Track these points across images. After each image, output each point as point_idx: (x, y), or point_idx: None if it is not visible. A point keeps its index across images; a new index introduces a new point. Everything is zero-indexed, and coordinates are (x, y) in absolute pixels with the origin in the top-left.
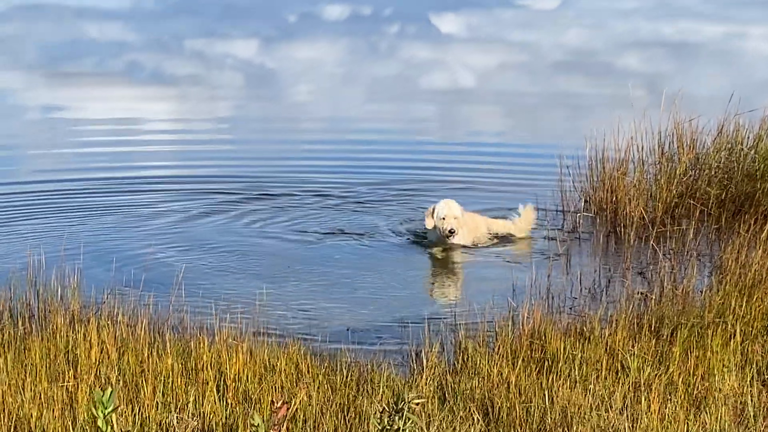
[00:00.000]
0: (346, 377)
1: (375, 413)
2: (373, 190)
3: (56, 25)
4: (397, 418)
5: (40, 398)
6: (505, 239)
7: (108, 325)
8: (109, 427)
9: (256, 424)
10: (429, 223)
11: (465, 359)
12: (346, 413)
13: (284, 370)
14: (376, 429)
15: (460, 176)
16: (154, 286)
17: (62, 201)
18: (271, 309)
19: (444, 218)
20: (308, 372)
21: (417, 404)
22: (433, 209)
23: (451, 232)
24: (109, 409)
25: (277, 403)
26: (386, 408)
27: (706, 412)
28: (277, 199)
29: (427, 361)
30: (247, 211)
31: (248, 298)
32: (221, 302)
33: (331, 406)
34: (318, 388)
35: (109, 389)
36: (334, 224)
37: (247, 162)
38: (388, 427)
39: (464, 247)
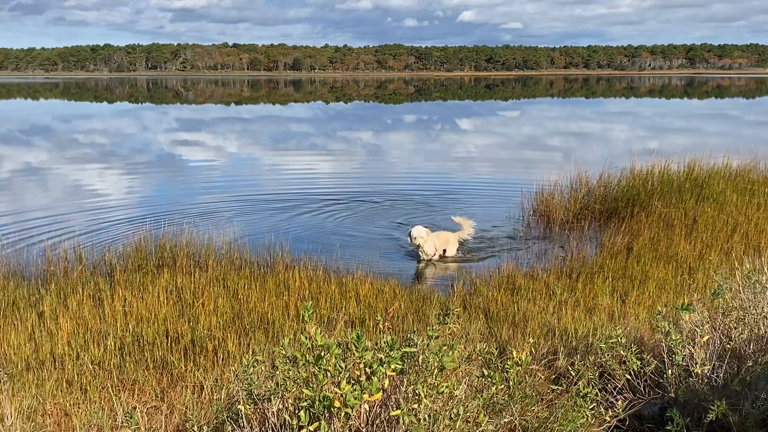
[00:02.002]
0: (417, 296)
1: (433, 314)
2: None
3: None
4: (446, 317)
5: (273, 305)
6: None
7: (304, 269)
8: (309, 319)
9: (378, 319)
10: (412, 244)
11: (475, 288)
12: (418, 314)
13: (387, 292)
14: (436, 321)
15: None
16: (326, 251)
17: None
18: (382, 262)
19: (415, 238)
20: (399, 293)
21: (455, 310)
22: (410, 234)
23: (418, 247)
24: (310, 311)
25: (388, 308)
26: (440, 311)
27: (595, 316)
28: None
29: (456, 290)
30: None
31: (370, 256)
32: (358, 259)
33: (410, 310)
34: (403, 301)
35: (309, 302)
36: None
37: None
38: (441, 321)
39: (434, 257)
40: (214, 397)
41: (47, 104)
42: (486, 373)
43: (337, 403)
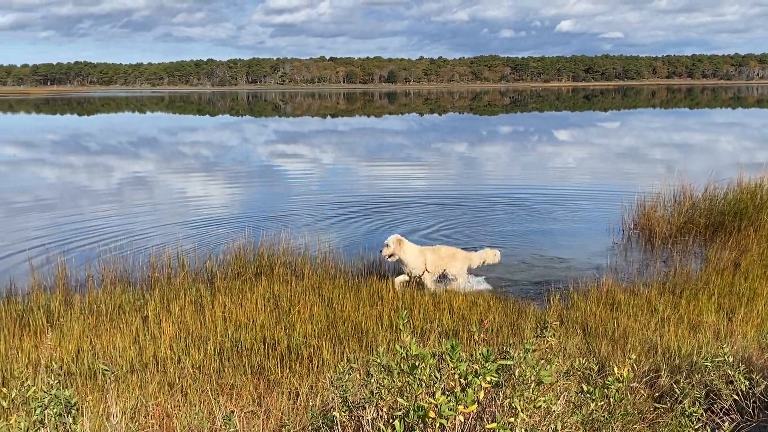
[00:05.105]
0: (512, 309)
1: (529, 327)
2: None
3: None
4: (543, 330)
5: (366, 315)
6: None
7: (387, 279)
8: (404, 329)
9: (473, 330)
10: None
11: (572, 302)
12: (512, 327)
13: (481, 304)
14: (532, 334)
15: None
16: None
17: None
18: (475, 273)
19: (385, 246)
20: (493, 306)
21: (553, 323)
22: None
23: (390, 257)
24: (405, 321)
25: (482, 320)
26: (537, 324)
27: (700, 333)
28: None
29: (552, 302)
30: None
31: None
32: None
33: (505, 323)
34: (498, 314)
35: (405, 311)
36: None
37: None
38: (538, 334)
39: (426, 277)
40: (309, 404)
41: (154, 117)
42: (585, 388)
43: (431, 414)
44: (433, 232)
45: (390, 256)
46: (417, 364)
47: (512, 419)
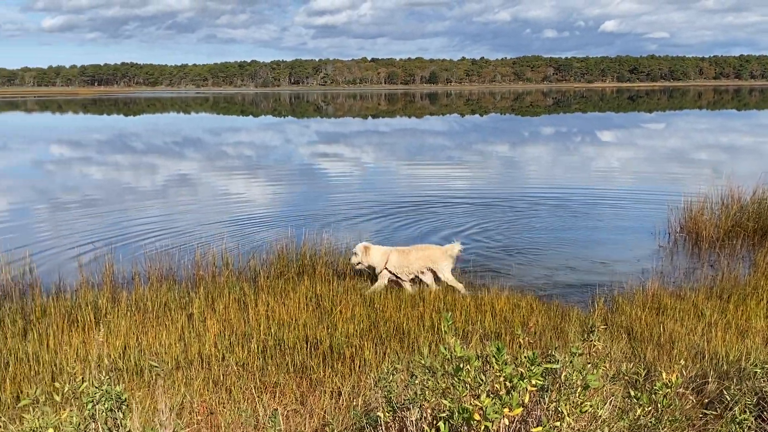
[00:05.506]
0: (555, 312)
1: (572, 330)
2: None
3: None
4: (590, 334)
5: (408, 316)
6: None
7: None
8: (449, 330)
9: (517, 333)
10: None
11: (617, 306)
12: (556, 330)
13: (524, 306)
14: (578, 338)
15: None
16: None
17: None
18: (517, 275)
19: (354, 254)
20: (536, 308)
21: (600, 327)
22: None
23: (358, 264)
24: (450, 322)
25: (524, 323)
26: (581, 328)
27: (749, 339)
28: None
29: (597, 306)
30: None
31: (504, 270)
32: (490, 272)
33: (548, 326)
34: (541, 317)
35: (449, 314)
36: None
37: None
38: (584, 338)
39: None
40: (352, 403)
41: (198, 118)
42: (633, 393)
43: (476, 416)
44: (474, 232)
45: (359, 264)
46: (462, 366)
47: (558, 423)
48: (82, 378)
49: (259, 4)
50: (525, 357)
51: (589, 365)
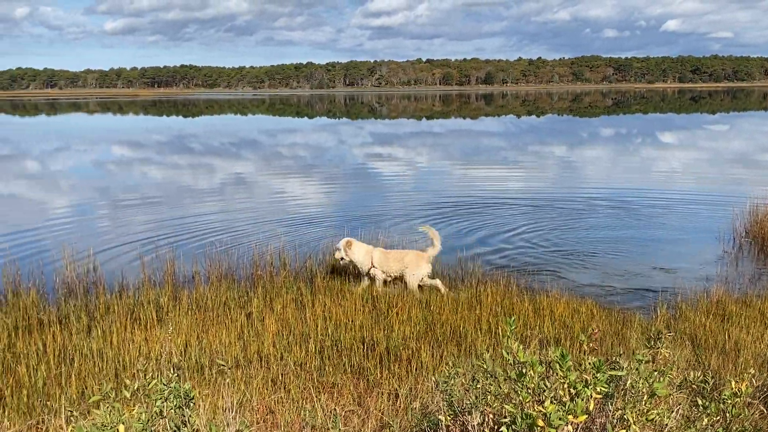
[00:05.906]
0: (616, 318)
1: (635, 337)
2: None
3: None
4: (657, 341)
5: (465, 318)
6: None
7: (496, 283)
8: (511, 335)
9: (581, 339)
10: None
11: (680, 313)
12: (618, 337)
13: (584, 312)
14: (641, 345)
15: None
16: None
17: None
18: (575, 278)
19: (337, 250)
20: (597, 314)
21: (666, 334)
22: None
23: (342, 260)
24: (513, 327)
25: (585, 329)
26: (646, 334)
27: None
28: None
29: (659, 312)
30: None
31: (564, 275)
32: (547, 276)
33: (609, 332)
34: (602, 323)
35: (511, 318)
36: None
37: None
38: (650, 345)
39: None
40: (410, 406)
41: (255, 119)
42: (701, 402)
43: (540, 422)
44: (531, 235)
45: (341, 259)
46: (525, 371)
47: (623, 431)
48: (151, 375)
49: (316, 7)
50: (589, 364)
51: (655, 373)
